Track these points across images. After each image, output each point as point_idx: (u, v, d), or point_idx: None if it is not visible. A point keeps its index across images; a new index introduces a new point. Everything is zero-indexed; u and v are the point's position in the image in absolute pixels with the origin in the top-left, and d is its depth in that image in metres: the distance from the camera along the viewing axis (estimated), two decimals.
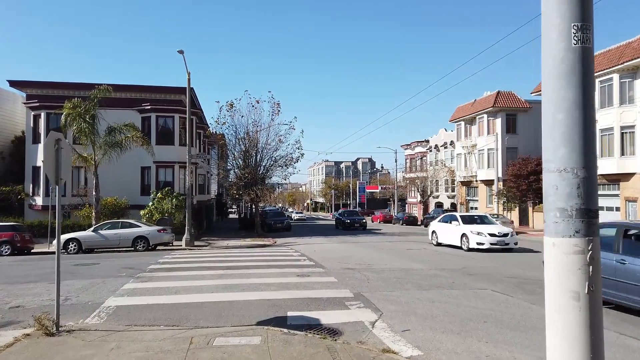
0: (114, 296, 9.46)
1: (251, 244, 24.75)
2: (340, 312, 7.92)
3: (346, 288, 9.96)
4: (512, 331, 6.62)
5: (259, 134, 32.11)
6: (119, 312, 8.14)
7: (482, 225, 19.46)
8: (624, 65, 27.92)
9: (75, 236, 20.81)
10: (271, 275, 11.87)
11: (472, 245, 18.43)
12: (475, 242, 18.37)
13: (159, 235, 21.32)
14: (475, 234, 18.55)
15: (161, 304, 8.65)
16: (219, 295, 9.33)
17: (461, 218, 20.30)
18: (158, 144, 29.69)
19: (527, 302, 8.50)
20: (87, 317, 7.87)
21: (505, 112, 42.80)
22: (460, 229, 19.57)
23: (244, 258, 16.68)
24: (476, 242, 18.33)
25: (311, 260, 15.61)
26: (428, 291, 9.62)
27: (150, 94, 31.09)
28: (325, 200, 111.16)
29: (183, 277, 11.90)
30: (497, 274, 12.17)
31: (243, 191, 31.90)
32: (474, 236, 18.53)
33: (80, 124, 22.60)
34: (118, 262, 15.57)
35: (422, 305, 8.25)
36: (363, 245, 22.08)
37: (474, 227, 19.07)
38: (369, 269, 13.18)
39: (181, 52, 21.80)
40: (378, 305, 8.31)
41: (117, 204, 27.56)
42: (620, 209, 29.14)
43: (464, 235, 19.12)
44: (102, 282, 11.27)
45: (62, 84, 30.32)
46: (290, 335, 6.47)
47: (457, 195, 51.94)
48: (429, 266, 13.78)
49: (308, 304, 8.45)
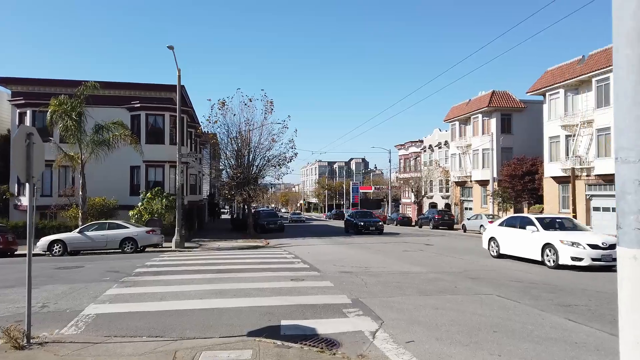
0: (94, 303, 8.83)
1: (243, 245, 24.13)
2: (338, 320, 7.36)
3: (343, 293, 9.40)
4: (526, 342, 6.09)
5: (252, 133, 31.53)
6: (99, 321, 7.52)
7: (571, 232, 14.50)
8: None
9: (60, 238, 20.07)
10: (264, 280, 11.28)
11: (564, 260, 13.23)
12: (568, 257, 13.16)
13: (147, 237, 20.63)
14: (569, 245, 13.26)
15: (145, 312, 8.04)
16: (208, 302, 8.74)
17: (539, 221, 15.04)
18: (148, 142, 29.02)
19: (536, 309, 7.99)
20: (64, 326, 7.24)
21: (500, 112, 42.53)
22: (540, 237, 14.29)
23: (235, 260, 16.08)
24: (570, 257, 13.12)
25: (305, 262, 15.04)
26: (430, 297, 9.09)
27: (140, 92, 30.36)
28: (318, 200, 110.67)
29: (170, 281, 11.29)
30: (501, 277, 11.68)
31: (235, 191, 31.27)
32: (567, 248, 13.25)
33: (66, 121, 21.87)
34: (103, 265, 14.90)
35: (426, 313, 7.72)
36: (358, 247, 21.54)
37: (562, 235, 13.93)
38: (366, 272, 12.64)
39: (171, 48, 21.15)
40: (378, 312, 7.77)
41: (105, 204, 26.81)
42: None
43: (547, 246, 13.90)
44: (84, 287, 10.62)
45: (49, 81, 29.50)
46: (285, 348, 5.91)
47: (452, 196, 51.62)
48: (429, 269, 13.27)
49: (303, 312, 7.89)
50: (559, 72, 33.85)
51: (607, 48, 29.57)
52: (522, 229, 15.24)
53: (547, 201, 35.37)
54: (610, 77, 28.67)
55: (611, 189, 29.59)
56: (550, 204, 35.02)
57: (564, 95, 33.22)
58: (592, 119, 30.29)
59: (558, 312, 7.78)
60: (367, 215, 36.80)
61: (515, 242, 15.42)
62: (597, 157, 30.10)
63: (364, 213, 38.80)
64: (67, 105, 21.95)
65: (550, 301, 8.71)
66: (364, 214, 38.13)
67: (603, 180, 30.06)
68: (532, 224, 14.92)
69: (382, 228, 33.72)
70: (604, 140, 29.56)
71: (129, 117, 29.04)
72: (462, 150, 47.51)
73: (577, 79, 31.48)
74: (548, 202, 35.33)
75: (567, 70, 32.87)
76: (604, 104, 29.40)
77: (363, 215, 36.44)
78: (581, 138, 31.65)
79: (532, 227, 14.78)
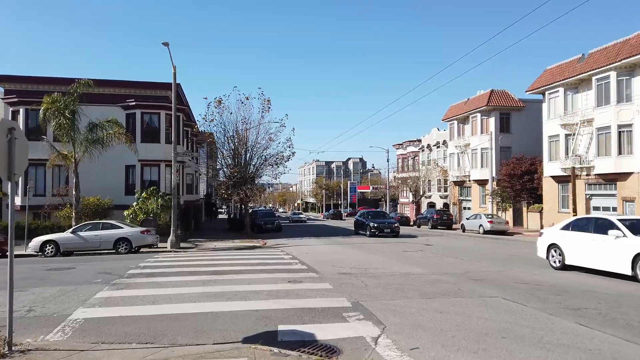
0: (83, 307, 8.46)
1: (240, 245, 23.77)
2: (338, 325, 7.02)
3: (343, 296, 9.05)
4: (537, 349, 5.76)
5: (249, 132, 31.14)
6: (87, 326, 7.15)
7: None
8: (622, 62, 27.38)
9: (53, 238, 19.66)
10: (260, 282, 10.93)
11: None
12: None
13: (142, 237, 20.23)
14: None
15: (136, 316, 7.68)
16: (202, 306, 8.38)
17: (624, 224, 11.84)
18: (143, 141, 28.63)
19: (545, 313, 7.66)
20: (50, 332, 6.89)
21: (499, 111, 42.27)
22: (629, 244, 11.17)
23: (231, 261, 15.71)
24: None
25: (303, 263, 14.68)
26: (433, 299, 8.75)
27: (135, 90, 29.93)
28: (316, 200, 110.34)
29: (164, 283, 10.92)
30: (504, 278, 11.34)
31: (232, 191, 30.88)
32: None
33: (59, 119, 21.45)
34: (96, 267, 14.52)
35: (430, 317, 7.38)
36: (356, 247, 21.20)
37: None
38: (365, 273, 12.29)
39: (166, 45, 20.74)
40: (380, 316, 7.43)
41: (99, 203, 26.39)
42: (618, 209, 28.61)
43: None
44: (73, 289, 10.24)
45: (43, 79, 29.03)
46: (282, 356, 5.56)
47: (450, 195, 51.36)
48: (430, 270, 12.93)
49: (301, 316, 7.55)
50: (558, 70, 33.59)
51: (607, 46, 29.32)
52: (599, 234, 12.21)
53: (547, 201, 35.12)
54: (610, 76, 28.44)
55: (611, 189, 29.35)
56: (550, 203, 34.77)
57: (563, 94, 32.96)
58: (592, 118, 30.03)
59: (568, 317, 7.46)
60: (380, 216, 32.45)
61: (590, 250, 12.38)
62: (597, 156, 29.84)
63: (377, 213, 33.98)
64: (61, 103, 21.53)
65: (559, 304, 8.38)
66: (376, 214, 33.30)
67: (603, 180, 29.80)
68: (616, 227, 11.82)
69: (398, 230, 28.89)
70: (604, 139, 29.31)
71: (124, 116, 28.62)
72: (461, 150, 47.23)
73: (576, 78, 31.22)
74: (547, 202, 35.09)
75: (566, 69, 32.61)
76: (604, 103, 29.14)
77: (376, 216, 31.79)
78: (581, 137, 31.40)
79: (615, 232, 11.67)
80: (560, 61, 33.93)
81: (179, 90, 30.82)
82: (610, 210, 29.37)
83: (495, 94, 42.83)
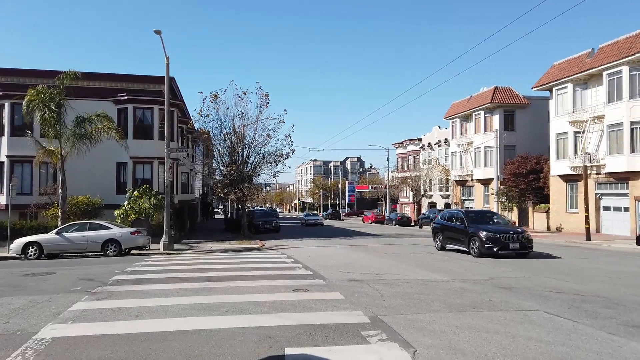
0: (53, 322, 7.19)
1: (237, 247, 22.51)
2: (358, 347, 5.77)
3: (358, 309, 7.80)
4: None
5: (246, 129, 29.88)
6: (53, 350, 5.87)
7: None
8: (635, 56, 26.29)
9: (36, 239, 18.33)
10: (261, 290, 9.67)
11: None
12: None
13: (132, 238, 18.92)
14: None
15: (115, 335, 6.41)
16: (193, 321, 7.12)
17: None
18: (135, 137, 27.33)
19: (603, 331, 6.42)
20: (7, 356, 5.61)
21: (503, 108, 41.16)
22: None
23: (228, 265, 14.44)
24: None
25: (307, 268, 13.42)
26: (464, 314, 7.50)
27: (127, 84, 28.61)
28: (313, 200, 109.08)
29: (151, 292, 9.64)
30: (536, 286, 10.08)
31: (229, 190, 29.58)
32: None
33: (44, 112, 20.12)
34: (78, 272, 13.21)
35: (467, 337, 6.14)
36: (362, 250, 19.96)
37: None
38: (379, 280, 11.04)
39: (158, 33, 19.43)
40: (406, 336, 6.19)
41: (89, 203, 25.04)
42: (630, 209, 27.52)
43: None
44: (47, 299, 8.96)
45: (30, 72, 27.64)
46: None
47: (452, 195, 50.21)
48: (449, 276, 11.68)
49: (312, 335, 6.30)
50: (566, 66, 32.49)
51: (618, 40, 28.22)
52: None
53: (554, 200, 34.00)
54: (622, 71, 27.33)
55: (622, 188, 28.25)
56: (557, 203, 33.66)
57: (572, 89, 31.85)
58: (603, 114, 28.93)
59: (633, 337, 6.24)
60: (486, 219, 18.14)
61: None
62: (608, 154, 28.72)
63: (482, 215, 18.78)
64: (46, 95, 20.20)
65: (614, 320, 7.17)
66: (481, 216, 18.64)
67: (614, 179, 28.71)
68: None
69: (531, 247, 16.23)
70: (616, 136, 28.21)
71: (115, 111, 27.27)
72: (463, 148, 46.09)
73: (586, 73, 30.13)
74: (554, 202, 33.97)
75: (575, 64, 31.51)
76: (615, 99, 28.05)
77: (481, 219, 17.96)
78: (591, 134, 30.29)
79: None
80: (568, 56, 32.85)
81: (173, 84, 29.52)
82: (621, 211, 28.29)
83: (499, 91, 41.72)
